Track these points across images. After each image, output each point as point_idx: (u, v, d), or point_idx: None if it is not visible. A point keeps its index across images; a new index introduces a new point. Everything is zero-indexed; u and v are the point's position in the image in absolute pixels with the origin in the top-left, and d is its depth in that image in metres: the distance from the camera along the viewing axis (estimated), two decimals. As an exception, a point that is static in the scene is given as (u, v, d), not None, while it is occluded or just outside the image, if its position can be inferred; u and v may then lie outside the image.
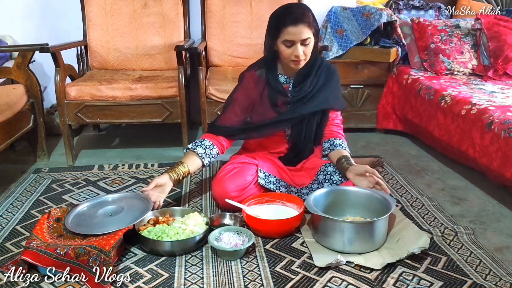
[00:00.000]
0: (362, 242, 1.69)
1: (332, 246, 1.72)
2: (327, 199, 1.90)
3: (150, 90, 2.64)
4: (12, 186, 2.38)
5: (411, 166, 2.65)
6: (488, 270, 1.61)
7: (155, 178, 1.93)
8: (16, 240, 1.84)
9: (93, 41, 3.07)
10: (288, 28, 1.85)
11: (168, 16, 3.10)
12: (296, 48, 1.88)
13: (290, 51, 1.89)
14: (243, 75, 2.10)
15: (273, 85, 2.01)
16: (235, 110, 2.07)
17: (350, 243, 1.69)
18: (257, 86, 2.04)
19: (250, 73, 2.07)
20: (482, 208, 2.14)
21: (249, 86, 2.05)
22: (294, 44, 1.87)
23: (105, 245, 1.58)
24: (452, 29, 3.11)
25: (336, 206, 1.90)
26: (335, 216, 1.75)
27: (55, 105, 3.10)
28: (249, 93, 2.05)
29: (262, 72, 2.04)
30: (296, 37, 1.86)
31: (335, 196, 1.92)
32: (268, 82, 2.02)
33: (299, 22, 1.84)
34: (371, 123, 3.24)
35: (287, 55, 1.91)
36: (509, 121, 2.08)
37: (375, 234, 1.70)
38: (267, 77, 2.02)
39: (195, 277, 1.59)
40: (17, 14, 3.27)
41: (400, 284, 1.53)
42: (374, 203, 1.85)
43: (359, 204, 1.90)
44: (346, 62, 3.12)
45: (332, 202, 1.90)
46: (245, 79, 2.07)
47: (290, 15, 1.86)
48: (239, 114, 2.07)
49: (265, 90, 2.03)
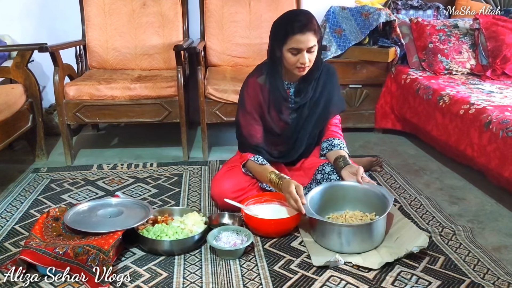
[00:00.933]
0: (360, 242, 1.70)
1: (331, 247, 1.72)
2: (323, 197, 1.90)
3: (149, 90, 2.64)
4: (11, 186, 2.38)
5: (410, 166, 2.66)
6: (486, 269, 1.62)
7: (291, 191, 1.81)
8: (15, 239, 1.84)
9: (92, 40, 3.07)
10: (296, 36, 1.84)
11: (167, 15, 3.10)
12: (302, 55, 1.87)
13: (296, 58, 1.88)
14: (247, 83, 2.06)
15: (276, 91, 2.00)
16: (255, 122, 2.04)
17: (348, 244, 1.69)
18: (263, 93, 2.03)
19: (253, 79, 2.04)
20: (480, 207, 2.14)
21: (256, 93, 2.03)
22: (300, 52, 1.87)
23: (104, 244, 1.58)
24: (450, 29, 3.12)
25: (334, 201, 1.91)
26: (334, 212, 1.76)
27: (54, 105, 3.10)
28: (258, 101, 2.03)
29: (263, 79, 2.02)
30: (304, 45, 1.85)
31: (332, 192, 1.92)
32: (271, 89, 2.01)
33: (307, 30, 1.83)
34: (369, 122, 3.25)
35: (292, 63, 1.90)
36: (507, 120, 2.08)
37: (374, 234, 1.71)
38: (271, 84, 2.00)
39: (194, 276, 1.59)
40: (15, 14, 3.26)
41: (398, 283, 1.54)
42: (371, 197, 1.86)
43: (356, 198, 1.91)
44: (345, 62, 3.12)
45: (329, 198, 1.91)
46: (250, 87, 2.04)
47: (297, 23, 1.84)
48: (260, 124, 2.06)
49: (270, 97, 2.03)
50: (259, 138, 2.05)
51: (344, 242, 1.69)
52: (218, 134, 3.24)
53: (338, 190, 1.93)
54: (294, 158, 2.16)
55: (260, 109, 2.04)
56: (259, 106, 2.04)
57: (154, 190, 2.31)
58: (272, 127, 2.07)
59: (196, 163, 2.68)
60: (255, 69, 2.09)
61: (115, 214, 1.84)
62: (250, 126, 2.05)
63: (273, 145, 2.12)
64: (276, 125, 2.07)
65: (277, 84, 1.99)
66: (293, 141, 2.11)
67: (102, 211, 1.85)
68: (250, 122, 2.05)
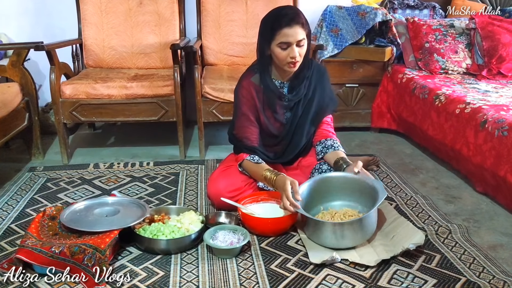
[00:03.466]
0: (353, 236, 1.70)
1: (324, 243, 1.72)
2: (310, 191, 1.90)
3: (146, 89, 2.64)
4: (7, 185, 2.38)
5: (406, 165, 2.67)
6: (482, 268, 1.62)
7: (287, 188, 1.80)
8: (11, 238, 1.83)
9: (88, 39, 3.06)
10: (283, 30, 1.84)
11: (163, 14, 3.10)
12: (292, 49, 1.86)
13: (286, 53, 1.88)
14: (241, 85, 2.05)
15: (270, 90, 2.00)
16: (251, 124, 2.04)
17: (342, 238, 1.69)
18: (258, 94, 2.02)
19: (247, 81, 2.04)
20: (476, 206, 2.15)
21: (251, 95, 2.02)
22: (290, 46, 1.86)
23: (100, 243, 1.58)
24: (446, 29, 3.13)
25: (322, 194, 1.91)
26: (323, 204, 1.75)
27: (50, 104, 3.09)
28: (254, 103, 2.03)
29: (257, 78, 2.02)
30: (292, 38, 1.85)
31: (320, 185, 1.92)
32: (265, 88, 2.01)
33: (294, 23, 1.84)
34: (365, 122, 3.26)
35: (283, 58, 1.89)
36: (503, 120, 2.09)
37: (365, 227, 1.71)
38: (263, 83, 2.00)
39: (190, 275, 1.59)
40: (11, 12, 3.25)
41: (394, 282, 1.55)
42: (362, 188, 1.86)
43: (345, 189, 1.91)
44: (341, 61, 3.13)
45: (318, 192, 1.90)
46: (244, 90, 2.03)
47: (284, 17, 1.84)
48: (256, 126, 2.05)
49: (264, 97, 2.03)
50: (254, 140, 2.04)
51: (337, 237, 1.69)
52: (215, 133, 3.24)
53: (324, 182, 1.92)
54: (290, 158, 2.16)
55: (256, 109, 2.04)
56: (254, 106, 2.03)
57: (151, 189, 2.31)
58: (268, 127, 2.07)
59: (193, 162, 2.68)
60: (248, 69, 2.09)
61: (112, 213, 1.83)
62: (245, 128, 2.04)
63: (269, 146, 2.12)
64: (272, 125, 2.07)
65: (269, 82, 2.00)
66: (289, 141, 2.11)
67: (99, 210, 1.85)
68: (245, 124, 2.04)
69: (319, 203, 1.93)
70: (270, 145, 2.12)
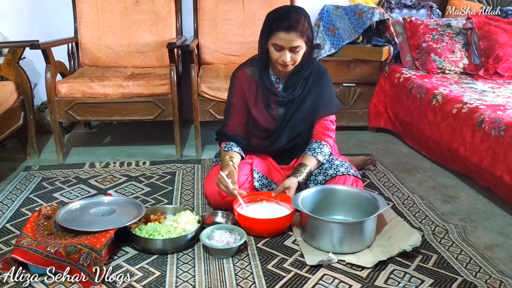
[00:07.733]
0: (352, 241, 1.69)
1: (322, 247, 1.71)
2: (315, 199, 1.89)
3: (142, 88, 2.63)
4: (2, 184, 2.36)
5: (403, 165, 2.67)
6: (478, 267, 1.62)
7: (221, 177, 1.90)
8: (6, 238, 1.82)
9: (84, 38, 3.05)
10: (279, 33, 1.84)
11: (160, 13, 3.09)
12: (284, 54, 1.86)
13: (279, 55, 1.88)
14: (234, 75, 2.08)
15: (265, 84, 2.01)
16: (237, 114, 2.08)
17: (339, 243, 1.68)
18: (250, 86, 2.03)
19: (241, 72, 2.06)
20: (473, 206, 2.15)
21: (242, 87, 2.04)
22: (283, 49, 1.86)
23: (96, 243, 1.57)
24: (443, 28, 3.13)
25: (325, 206, 1.89)
26: (324, 217, 1.75)
27: (46, 102, 3.07)
28: (243, 94, 2.05)
29: (253, 70, 2.03)
30: (286, 44, 1.84)
31: (324, 195, 1.91)
32: (260, 81, 2.01)
33: (292, 30, 1.82)
34: (363, 121, 3.25)
35: (275, 58, 1.90)
36: (500, 119, 2.09)
37: (364, 233, 1.70)
38: (260, 76, 2.01)
39: (186, 275, 1.59)
40: (7, 10, 3.23)
41: (391, 282, 1.54)
42: (363, 202, 1.85)
43: (348, 203, 1.89)
44: (339, 60, 3.13)
45: (321, 202, 1.89)
46: (236, 80, 2.06)
47: (285, 21, 1.83)
48: (243, 117, 2.08)
49: (258, 90, 2.02)
50: (237, 129, 2.08)
51: (335, 241, 1.68)
52: (211, 133, 3.20)
53: (330, 194, 1.91)
54: (270, 150, 2.13)
55: (246, 101, 2.05)
56: (245, 98, 2.05)
57: (147, 189, 2.30)
58: (259, 120, 2.06)
59: (189, 161, 2.67)
60: (247, 60, 2.11)
61: (108, 212, 1.83)
62: (232, 117, 2.09)
63: (257, 138, 2.11)
64: (263, 118, 2.06)
65: (265, 76, 2.00)
66: (278, 136, 2.09)
67: (94, 210, 1.84)
68: (231, 112, 2.09)
69: (320, 215, 1.92)
70: (258, 137, 2.12)
